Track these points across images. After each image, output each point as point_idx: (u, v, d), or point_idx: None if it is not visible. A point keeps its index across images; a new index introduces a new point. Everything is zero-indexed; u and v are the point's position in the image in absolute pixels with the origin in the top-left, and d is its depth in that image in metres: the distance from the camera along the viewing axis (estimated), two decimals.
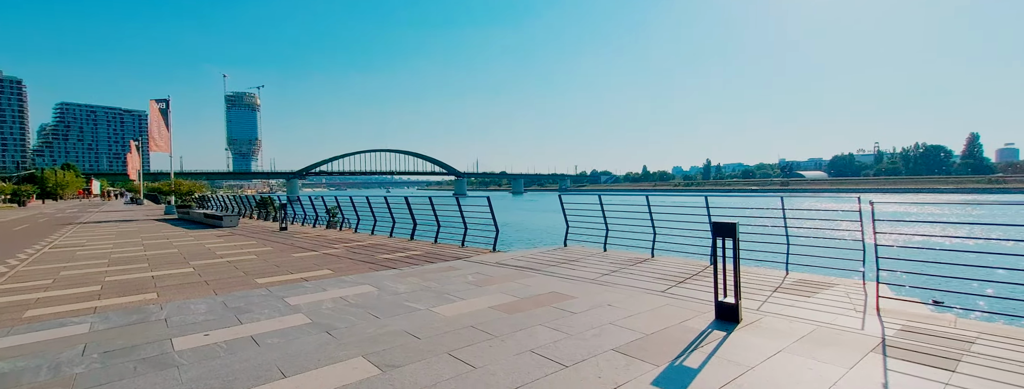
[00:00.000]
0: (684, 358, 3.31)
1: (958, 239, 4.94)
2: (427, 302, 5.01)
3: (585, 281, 5.97)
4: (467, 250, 9.37)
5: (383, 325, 4.19)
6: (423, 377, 3.03)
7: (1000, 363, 3.12)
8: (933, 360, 3.18)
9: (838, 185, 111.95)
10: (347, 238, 12.21)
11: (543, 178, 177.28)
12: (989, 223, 4.25)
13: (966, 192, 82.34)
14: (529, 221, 37.53)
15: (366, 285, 5.97)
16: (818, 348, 3.45)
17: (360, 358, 3.38)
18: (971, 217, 24.54)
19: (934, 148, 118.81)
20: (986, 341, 3.53)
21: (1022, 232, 3.58)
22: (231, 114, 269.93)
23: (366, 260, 8.25)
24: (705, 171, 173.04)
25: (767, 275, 6.11)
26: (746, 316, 4.26)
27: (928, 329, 3.82)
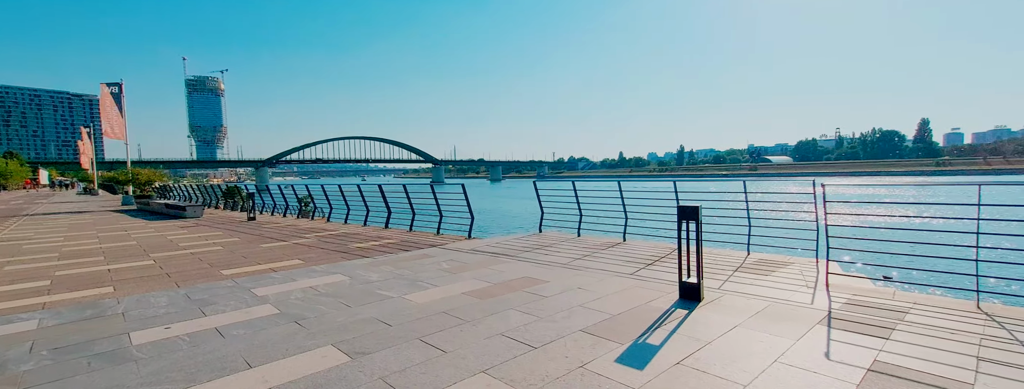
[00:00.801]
0: (648, 336, 3.44)
1: (903, 218, 5.28)
2: (400, 290, 5.00)
3: (558, 266, 6.08)
4: (442, 238, 9.34)
5: (354, 314, 4.16)
6: (393, 363, 3.05)
7: (928, 330, 3.39)
8: (871, 329, 3.43)
9: (802, 169, 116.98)
10: (319, 227, 11.95)
11: (521, 165, 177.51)
12: (931, 203, 4.57)
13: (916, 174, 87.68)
14: (506, 208, 37.69)
15: (338, 274, 5.89)
16: (771, 322, 3.65)
17: (329, 347, 3.36)
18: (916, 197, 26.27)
19: (889, 133, 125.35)
20: (919, 311, 3.82)
21: (959, 211, 3.89)
22: (193, 99, 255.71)
23: (338, 249, 8.12)
24: (679, 157, 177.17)
25: (730, 256, 6.38)
26: (708, 295, 4.45)
27: (870, 302, 4.10)
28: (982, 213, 3.90)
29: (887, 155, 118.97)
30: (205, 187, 25.28)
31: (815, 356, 3.01)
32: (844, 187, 4.18)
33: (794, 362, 2.93)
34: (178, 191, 27.47)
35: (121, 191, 30.77)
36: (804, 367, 2.86)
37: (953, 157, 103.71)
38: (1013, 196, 24.11)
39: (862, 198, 21.94)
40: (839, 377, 2.72)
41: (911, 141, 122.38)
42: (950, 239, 4.21)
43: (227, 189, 22.99)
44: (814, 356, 3.01)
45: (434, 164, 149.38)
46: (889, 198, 24.51)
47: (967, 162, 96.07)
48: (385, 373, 2.89)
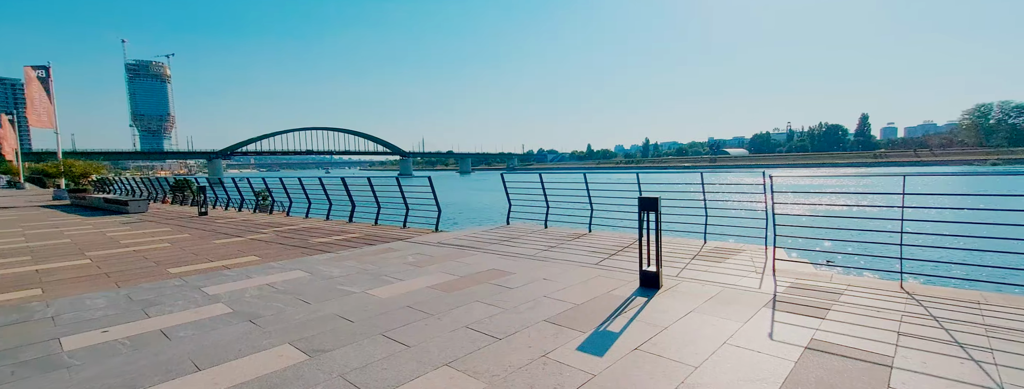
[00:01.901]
0: (608, 323, 3.56)
1: (842, 206, 5.70)
2: (363, 285, 4.90)
3: (524, 257, 6.14)
4: (408, 231, 9.20)
5: (314, 310, 4.04)
6: (354, 359, 2.99)
7: (858, 309, 3.71)
8: (810, 310, 3.70)
9: (757, 161, 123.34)
10: (278, 222, 11.46)
11: (491, 157, 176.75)
12: (865, 192, 4.94)
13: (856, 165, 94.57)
14: (474, 201, 37.55)
15: (297, 270, 5.68)
16: (722, 307, 3.86)
17: (286, 345, 3.25)
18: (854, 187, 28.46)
19: (833, 127, 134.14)
20: (852, 292, 4.16)
21: (887, 199, 4.28)
22: (135, 86, 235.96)
23: (298, 244, 7.83)
24: (644, 150, 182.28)
25: (688, 244, 6.67)
26: (666, 282, 4.64)
27: (811, 285, 4.42)
28: (906, 201, 4.27)
29: (832, 148, 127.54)
30: (151, 180, 23.58)
31: (760, 337, 3.22)
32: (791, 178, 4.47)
33: (741, 343, 3.12)
34: (119, 184, 25.46)
35: (52, 184, 28.18)
36: (749, 347, 3.05)
37: (888, 150, 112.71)
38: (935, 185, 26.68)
39: (807, 188, 23.53)
40: (780, 355, 2.92)
41: (853, 135, 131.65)
42: (880, 225, 4.60)
43: (176, 182, 21.54)
44: (759, 337, 3.22)
45: (401, 156, 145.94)
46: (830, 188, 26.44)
47: (900, 154, 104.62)
48: (345, 370, 2.84)
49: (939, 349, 2.94)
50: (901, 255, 4.37)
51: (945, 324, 3.36)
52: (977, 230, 4.43)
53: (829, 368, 2.73)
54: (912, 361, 2.79)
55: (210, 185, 16.96)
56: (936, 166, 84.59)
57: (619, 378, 2.67)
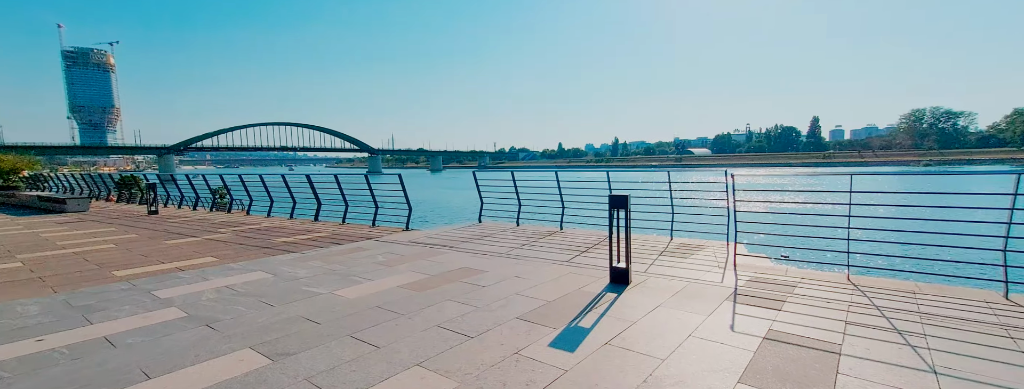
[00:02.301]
0: (579, 320, 3.62)
1: (796, 204, 6.04)
2: (330, 285, 4.74)
3: (496, 255, 6.13)
4: (378, 230, 8.99)
5: (277, 313, 3.87)
6: (320, 362, 2.89)
7: (810, 301, 3.95)
8: (768, 303, 3.91)
9: (719, 161, 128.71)
10: (237, 221, 10.91)
11: (462, 155, 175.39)
12: (816, 190, 5.27)
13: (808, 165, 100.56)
14: (446, 199, 37.20)
15: (259, 271, 5.43)
16: (687, 301, 4.01)
17: (247, 350, 3.10)
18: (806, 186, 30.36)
19: (788, 129, 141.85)
20: (805, 285, 4.43)
21: (836, 197, 4.58)
22: (73, 74, 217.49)
23: (260, 245, 7.48)
24: (613, 149, 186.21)
25: (656, 241, 6.88)
26: (635, 278, 4.77)
27: (768, 279, 4.67)
28: (853, 198, 4.58)
29: (786, 148, 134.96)
30: (93, 176, 21.87)
31: (722, 329, 3.37)
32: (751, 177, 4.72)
33: (705, 335, 3.25)
34: (56, 181, 23.46)
35: None
36: (712, 339, 3.18)
37: (836, 151, 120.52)
38: (877, 184, 28.81)
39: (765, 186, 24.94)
40: (740, 346, 3.06)
41: (805, 137, 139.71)
42: (830, 221, 4.92)
43: (122, 179, 20.09)
44: (721, 329, 3.36)
45: (370, 153, 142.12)
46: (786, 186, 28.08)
47: (846, 155, 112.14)
48: (311, 373, 2.74)
49: (881, 336, 3.18)
50: (848, 249, 4.69)
51: (886, 313, 3.63)
52: (912, 225, 4.81)
53: (785, 357, 2.89)
54: (858, 348, 3.00)
55: (161, 182, 15.91)
56: (877, 166, 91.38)
57: (590, 373, 2.72)
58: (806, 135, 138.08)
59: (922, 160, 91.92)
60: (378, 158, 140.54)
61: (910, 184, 24.88)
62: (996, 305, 3.77)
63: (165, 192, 17.21)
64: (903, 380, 2.56)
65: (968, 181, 25.33)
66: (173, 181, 16.45)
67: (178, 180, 16.28)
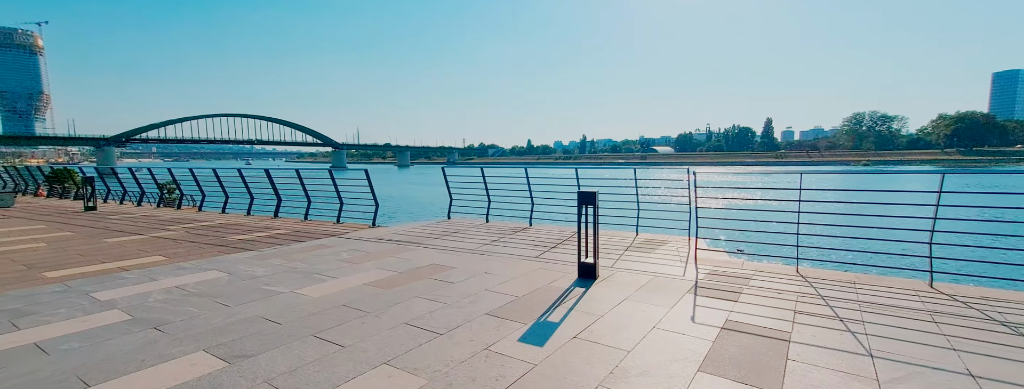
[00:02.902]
0: (549, 314, 3.67)
1: (750, 200, 6.38)
2: (292, 284, 4.56)
3: (466, 252, 6.10)
4: (343, 226, 8.72)
5: (234, 314, 3.68)
6: (281, 363, 2.78)
7: (764, 292, 4.19)
8: (725, 294, 4.11)
9: (682, 159, 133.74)
10: (188, 218, 10.27)
11: (431, 151, 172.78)
12: (769, 187, 5.58)
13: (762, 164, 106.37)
14: (414, 195, 36.58)
15: (213, 271, 5.14)
16: (651, 294, 4.16)
17: (201, 352, 2.93)
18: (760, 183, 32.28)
19: (744, 129, 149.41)
20: (759, 277, 4.70)
21: (787, 194, 4.90)
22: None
23: (214, 242, 7.08)
24: (581, 146, 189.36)
25: (622, 236, 7.06)
26: (602, 273, 4.88)
27: (726, 272, 4.91)
28: (802, 195, 4.90)
29: (743, 148, 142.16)
30: (17, 169, 19.89)
31: (683, 320, 3.51)
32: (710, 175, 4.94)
33: (668, 327, 3.38)
34: None
35: None
36: (675, 330, 3.32)
37: (787, 151, 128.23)
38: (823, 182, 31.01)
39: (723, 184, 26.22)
40: (700, 336, 3.21)
41: (759, 137, 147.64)
42: (781, 217, 5.23)
43: (53, 172, 18.43)
44: (683, 320, 3.51)
45: (334, 148, 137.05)
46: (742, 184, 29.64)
47: (796, 155, 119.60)
48: (271, 375, 2.63)
49: (825, 324, 3.42)
50: (797, 243, 5.01)
51: (830, 302, 3.91)
52: (853, 220, 5.20)
53: (740, 345, 3.06)
54: (805, 335, 3.21)
55: (100, 176, 14.69)
56: (824, 165, 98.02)
57: (558, 366, 2.76)
58: (761, 135, 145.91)
59: (862, 160, 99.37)
60: (342, 153, 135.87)
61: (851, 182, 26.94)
62: (923, 292, 4.15)
63: (105, 187, 15.91)
64: (844, 364, 2.76)
65: (901, 180, 27.73)
66: (114, 175, 15.22)
67: (120, 174, 15.08)
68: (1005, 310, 3.66)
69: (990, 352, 2.89)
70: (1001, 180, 38.43)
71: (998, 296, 4.03)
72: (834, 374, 2.63)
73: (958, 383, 2.52)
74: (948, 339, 3.10)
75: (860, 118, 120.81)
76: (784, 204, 5.30)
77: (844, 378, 2.58)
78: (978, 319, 3.47)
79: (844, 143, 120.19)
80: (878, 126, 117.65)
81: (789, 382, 2.55)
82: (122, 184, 14.90)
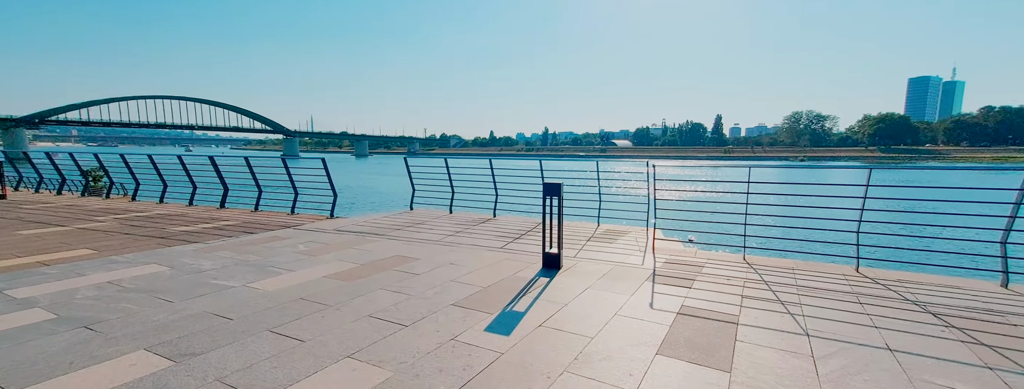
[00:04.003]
0: (514, 304, 3.71)
1: (702, 192, 6.74)
2: (243, 277, 4.30)
3: (430, 243, 6.02)
4: (298, 217, 8.32)
5: (178, 310, 3.43)
6: (234, 360, 2.63)
7: (715, 279, 4.47)
8: (681, 281, 4.35)
9: (639, 152, 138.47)
10: (120, 208, 9.39)
11: (391, 140, 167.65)
12: (719, 180, 5.92)
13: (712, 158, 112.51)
14: (374, 185, 35.47)
15: (152, 264, 4.75)
16: (612, 282, 4.31)
17: (141, 351, 2.71)
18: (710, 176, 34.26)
19: (696, 125, 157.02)
20: (711, 265, 5.00)
21: (736, 186, 5.24)
22: None
23: (153, 234, 6.53)
24: (544, 138, 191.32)
25: (584, 227, 7.25)
26: (566, 263, 4.99)
27: (681, 260, 5.18)
28: (750, 188, 5.24)
29: (695, 143, 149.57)
30: None
31: (643, 307, 3.68)
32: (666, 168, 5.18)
33: (628, 313, 3.53)
34: None
35: None
36: (635, 317, 3.47)
37: (735, 146, 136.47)
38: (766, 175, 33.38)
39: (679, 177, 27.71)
40: (658, 321, 3.38)
41: (710, 132, 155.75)
42: (730, 208, 5.58)
43: None
44: (642, 307, 3.68)
45: (285, 135, 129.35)
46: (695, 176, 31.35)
47: (743, 150, 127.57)
48: (223, 373, 2.48)
49: (768, 307, 3.71)
50: (745, 233, 5.36)
51: (773, 287, 4.23)
52: (791, 211, 5.64)
53: (694, 328, 3.25)
54: (750, 317, 3.47)
55: (9, 160, 13.05)
56: (767, 160, 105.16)
57: (525, 354, 2.81)
58: (711, 131, 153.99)
59: (799, 155, 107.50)
60: (295, 141, 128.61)
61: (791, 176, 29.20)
62: (851, 277, 4.59)
63: (16, 172, 14.16)
64: (784, 343, 3.02)
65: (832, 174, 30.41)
66: (27, 160, 13.58)
67: (35, 159, 13.46)
68: (917, 291, 4.13)
69: (904, 328, 3.26)
70: (918, 175, 43.06)
71: (912, 279, 4.53)
72: (776, 352, 2.87)
73: (878, 356, 2.82)
74: (871, 318, 3.46)
75: (798, 117, 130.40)
76: (733, 195, 5.64)
77: (784, 356, 2.82)
78: (895, 299, 3.89)
79: (784, 140, 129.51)
80: (813, 124, 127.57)
81: (737, 361, 2.75)
82: (37, 170, 13.32)
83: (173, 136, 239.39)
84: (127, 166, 11.02)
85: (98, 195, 12.05)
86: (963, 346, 2.97)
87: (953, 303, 3.80)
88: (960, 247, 11.57)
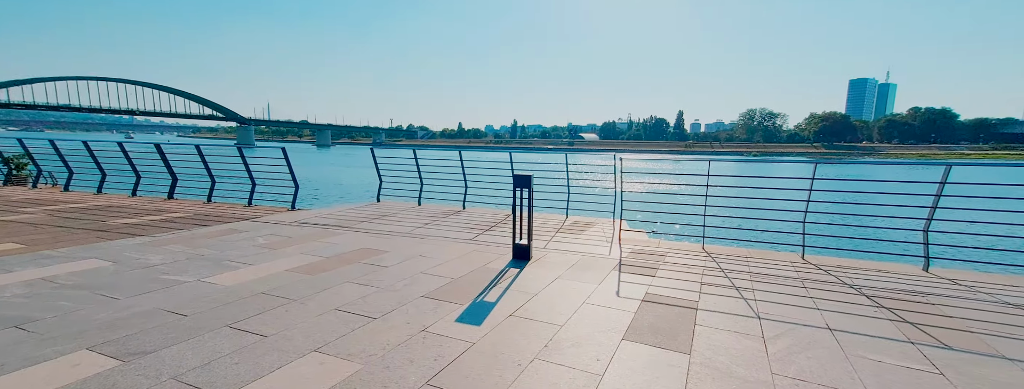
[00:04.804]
0: (485, 295, 3.74)
1: (664, 185, 7.01)
2: (198, 272, 4.07)
3: (398, 235, 5.93)
4: (256, 209, 7.94)
5: (125, 307, 3.21)
6: (191, 357, 2.51)
7: (677, 267, 4.69)
8: (645, 270, 4.53)
9: (606, 146, 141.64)
10: (50, 199, 8.58)
11: (355, 130, 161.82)
12: (680, 173, 6.19)
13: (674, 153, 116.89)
14: (338, 177, 34.26)
15: (92, 259, 4.40)
16: (581, 272, 4.43)
17: (84, 351, 2.52)
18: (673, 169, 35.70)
19: (659, 120, 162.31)
20: (673, 254, 5.23)
21: (696, 179, 5.53)
22: None
23: (91, 227, 6.03)
24: (512, 131, 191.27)
25: (553, 219, 7.36)
26: (536, 254, 5.07)
27: (646, 250, 5.39)
28: (709, 181, 5.51)
29: (658, 137, 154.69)
30: None
31: (609, 295, 3.81)
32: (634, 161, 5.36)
33: (596, 301, 3.65)
34: None
35: None
36: (602, 304, 3.59)
37: (695, 142, 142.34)
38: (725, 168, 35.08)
39: (644, 170, 28.60)
40: (624, 308, 3.51)
41: (673, 128, 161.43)
42: (691, 200, 5.86)
43: None
44: (609, 295, 3.81)
45: (240, 123, 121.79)
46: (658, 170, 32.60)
47: (702, 146, 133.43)
48: (179, 371, 2.36)
49: (724, 292, 3.94)
50: (704, 223, 5.64)
51: (728, 274, 4.49)
52: (745, 202, 5.98)
53: (657, 314, 3.41)
54: (709, 302, 3.67)
55: None
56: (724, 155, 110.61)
57: (496, 343, 2.85)
58: (673, 126, 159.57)
59: (753, 150, 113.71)
60: (250, 129, 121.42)
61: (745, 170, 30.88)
62: (797, 263, 4.94)
63: None
64: (739, 325, 3.22)
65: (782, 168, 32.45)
66: None
67: None
68: (853, 275, 4.52)
69: (842, 310, 3.57)
70: (856, 170, 46.66)
71: (849, 264, 4.95)
72: (731, 335, 3.06)
73: (820, 335, 3.08)
74: (814, 301, 3.75)
75: (752, 114, 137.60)
76: (694, 188, 5.91)
77: (738, 337, 3.02)
78: (835, 283, 4.24)
79: (739, 135, 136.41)
80: (766, 122, 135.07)
81: (697, 344, 2.91)
82: None
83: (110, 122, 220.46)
84: (58, 153, 10.05)
85: (22, 185, 10.94)
86: (891, 324, 3.29)
87: (883, 286, 4.19)
88: (890, 235, 12.74)
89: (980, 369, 2.65)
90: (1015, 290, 4.15)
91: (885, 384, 2.45)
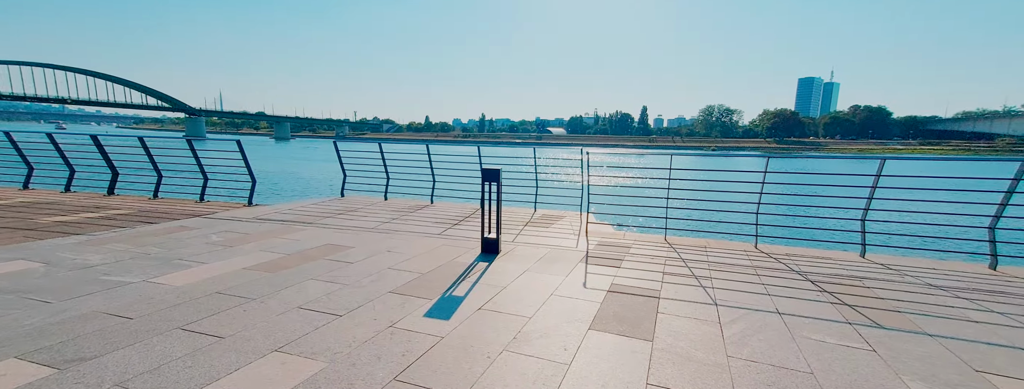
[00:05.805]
0: (454, 289, 3.72)
1: (630, 179, 7.22)
2: (144, 272, 3.81)
3: (364, 230, 5.78)
4: (210, 205, 7.50)
5: (59, 311, 2.96)
6: (138, 362, 2.35)
7: (640, 259, 4.86)
8: (610, 262, 4.66)
9: (573, 140, 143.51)
10: None
11: (317, 123, 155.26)
12: (644, 167, 6.38)
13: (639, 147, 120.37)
14: (299, 171, 32.83)
15: (19, 261, 4.01)
16: (549, 265, 4.50)
17: (12, 360, 2.31)
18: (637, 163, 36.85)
19: (625, 116, 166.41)
20: (636, 246, 5.41)
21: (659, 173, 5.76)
22: None
23: (17, 226, 5.49)
24: (480, 125, 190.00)
25: (522, 213, 7.41)
26: (504, 247, 5.09)
27: (612, 243, 5.54)
28: (671, 175, 5.72)
29: (624, 132, 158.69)
30: None
31: (576, 286, 3.89)
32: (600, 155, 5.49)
33: (563, 293, 3.72)
34: None
35: None
36: (569, 296, 3.66)
37: (658, 137, 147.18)
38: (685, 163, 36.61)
39: (610, 164, 29.35)
40: (590, 299, 3.61)
41: (637, 123, 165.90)
42: (654, 193, 6.07)
43: None
44: (575, 287, 3.89)
45: (189, 114, 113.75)
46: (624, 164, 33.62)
47: (665, 140, 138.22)
48: (124, 377, 2.21)
49: (685, 282, 4.13)
50: (666, 216, 5.86)
51: (689, 264, 4.70)
52: (703, 194, 6.27)
53: (622, 304, 3.53)
54: (670, 291, 3.84)
55: None
56: (684, 149, 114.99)
57: (465, 336, 2.86)
58: (638, 122, 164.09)
59: (711, 145, 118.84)
60: (200, 120, 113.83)
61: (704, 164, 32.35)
62: (751, 252, 5.24)
63: None
64: (698, 312, 3.39)
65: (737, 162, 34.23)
66: None
67: None
68: (800, 262, 4.85)
69: (790, 295, 3.83)
70: (803, 163, 49.86)
71: (797, 252, 5.30)
72: (690, 321, 3.22)
73: (770, 319, 3.29)
74: (765, 287, 4.00)
75: (711, 110, 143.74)
76: (657, 181, 6.12)
77: (697, 324, 3.18)
78: (784, 270, 4.53)
79: (699, 130, 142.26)
80: (724, 118, 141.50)
81: (659, 331, 3.04)
82: None
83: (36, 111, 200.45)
84: None
85: None
86: (832, 306, 3.57)
87: (826, 271, 4.52)
88: (832, 224, 13.75)
89: (905, 344, 2.93)
90: (937, 273, 4.59)
91: (826, 362, 2.66)
